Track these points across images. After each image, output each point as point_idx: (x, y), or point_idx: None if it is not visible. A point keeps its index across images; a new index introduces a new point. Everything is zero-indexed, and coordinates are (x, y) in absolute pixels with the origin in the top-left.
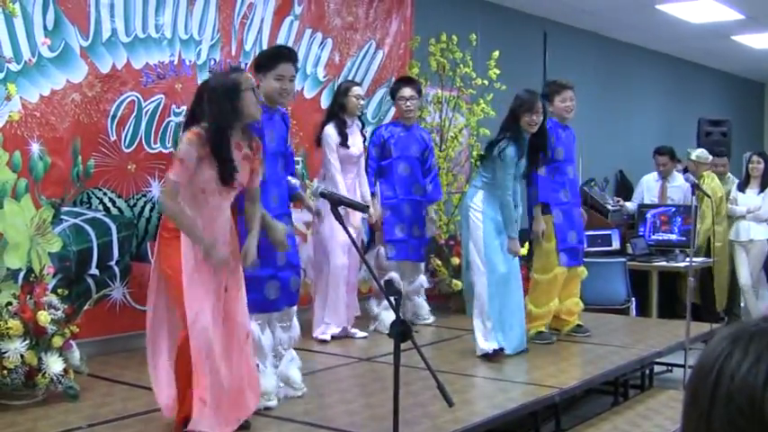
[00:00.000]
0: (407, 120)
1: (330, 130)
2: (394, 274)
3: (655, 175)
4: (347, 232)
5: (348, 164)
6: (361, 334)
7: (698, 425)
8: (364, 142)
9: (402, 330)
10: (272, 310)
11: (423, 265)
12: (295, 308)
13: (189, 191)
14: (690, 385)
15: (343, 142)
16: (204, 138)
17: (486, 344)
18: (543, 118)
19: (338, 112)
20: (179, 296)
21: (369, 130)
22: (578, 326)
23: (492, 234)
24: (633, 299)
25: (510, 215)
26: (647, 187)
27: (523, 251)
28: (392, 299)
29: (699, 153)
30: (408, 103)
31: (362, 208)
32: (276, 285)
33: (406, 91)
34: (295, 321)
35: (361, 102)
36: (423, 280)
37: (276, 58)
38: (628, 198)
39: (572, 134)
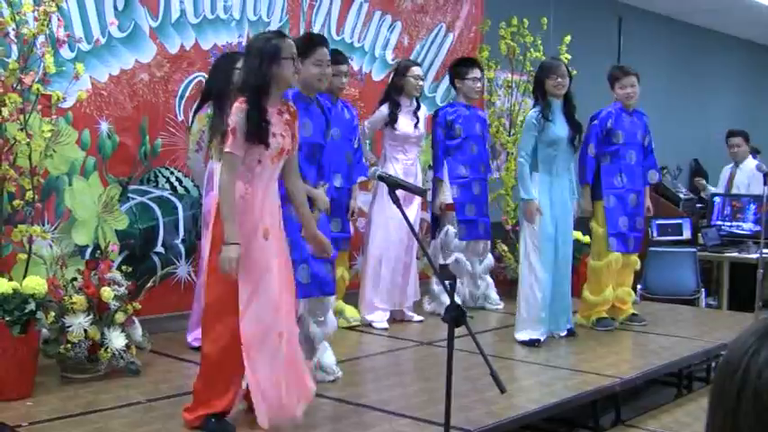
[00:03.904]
0: (473, 100)
1: (384, 109)
2: (460, 255)
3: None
4: (404, 215)
5: (407, 144)
6: (417, 318)
7: (724, 424)
8: (417, 124)
9: (455, 316)
10: (304, 296)
11: (490, 243)
12: (331, 299)
13: (245, 163)
14: (715, 382)
15: (391, 123)
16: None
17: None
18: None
19: (393, 92)
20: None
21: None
22: (633, 314)
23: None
24: (703, 290)
25: (519, 176)
26: (724, 176)
27: (586, 239)
28: (447, 283)
29: None
30: (479, 84)
31: (420, 192)
32: (307, 270)
33: (477, 71)
34: (331, 315)
35: (420, 82)
36: (491, 258)
37: (312, 43)
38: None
39: (641, 119)
